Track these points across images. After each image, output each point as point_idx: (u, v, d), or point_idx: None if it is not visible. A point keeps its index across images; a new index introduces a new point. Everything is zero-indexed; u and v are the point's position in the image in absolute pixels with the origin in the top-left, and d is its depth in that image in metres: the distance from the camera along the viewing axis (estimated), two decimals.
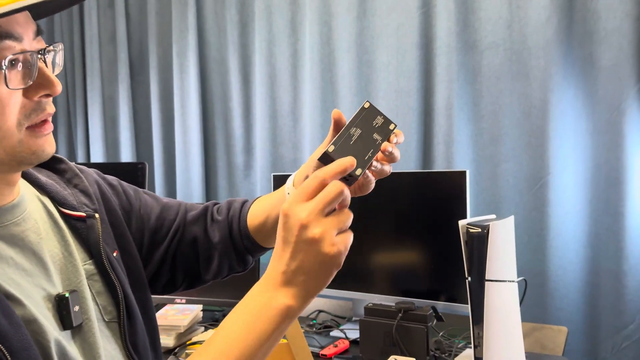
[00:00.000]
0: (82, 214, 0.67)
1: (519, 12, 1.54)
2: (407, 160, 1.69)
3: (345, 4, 1.76)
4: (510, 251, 1.08)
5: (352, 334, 1.45)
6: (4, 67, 0.50)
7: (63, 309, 0.58)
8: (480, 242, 1.01)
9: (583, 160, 1.50)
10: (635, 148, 1.42)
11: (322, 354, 1.34)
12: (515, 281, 1.09)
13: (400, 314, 1.21)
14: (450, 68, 1.62)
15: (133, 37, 2.25)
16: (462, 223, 1.05)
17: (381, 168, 0.68)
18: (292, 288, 0.53)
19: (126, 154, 2.22)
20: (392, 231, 1.48)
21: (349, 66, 1.78)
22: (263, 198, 0.84)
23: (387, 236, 1.48)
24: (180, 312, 1.41)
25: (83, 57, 2.33)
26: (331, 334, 1.50)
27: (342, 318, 1.59)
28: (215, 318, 1.61)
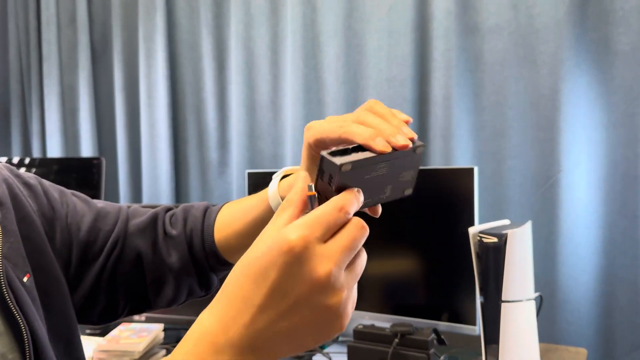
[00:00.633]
0: None
1: None
2: None
3: None
4: (528, 264, 0.91)
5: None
6: None
7: None
8: (496, 255, 0.84)
9: (597, 156, 1.34)
10: None
11: None
12: (533, 299, 0.92)
13: (396, 339, 1.03)
14: (448, 53, 1.46)
15: (95, 19, 2.05)
16: (474, 231, 0.87)
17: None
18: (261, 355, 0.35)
19: (87, 149, 2.02)
20: (385, 238, 1.29)
21: (336, 52, 1.60)
22: (232, 205, 0.67)
23: (379, 243, 1.29)
24: (136, 334, 1.21)
25: (39, 41, 2.12)
26: (313, 359, 1.31)
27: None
28: (179, 337, 1.40)
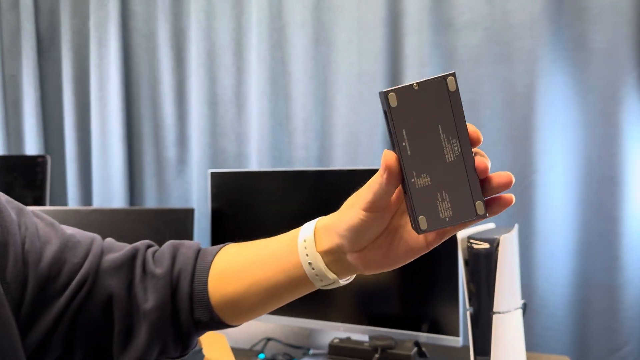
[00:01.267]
0: None
1: None
2: (371, 155, 1.45)
3: None
4: (516, 270, 0.85)
5: None
6: None
7: None
8: (487, 262, 0.77)
9: (573, 156, 1.31)
10: (632, 142, 1.25)
11: None
12: (520, 307, 0.86)
13: (377, 355, 0.95)
14: (421, 49, 1.40)
15: (41, 4, 1.89)
16: (462, 236, 0.81)
17: None
18: None
19: (31, 146, 1.86)
20: None
21: (304, 44, 1.52)
22: (242, 248, 0.55)
23: None
24: None
25: None
26: None
27: (298, 349, 1.31)
28: None
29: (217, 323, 0.53)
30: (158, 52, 1.74)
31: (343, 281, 0.50)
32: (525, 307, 0.93)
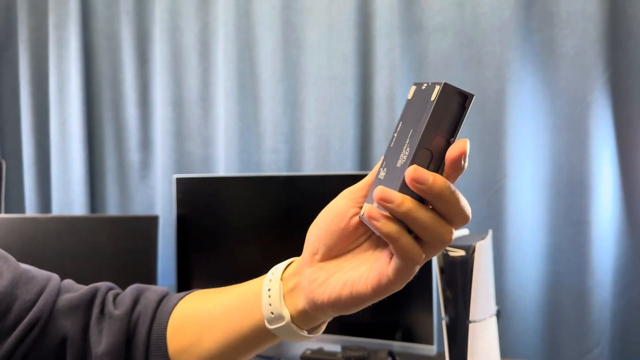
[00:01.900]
0: None
1: None
2: (342, 159, 1.42)
3: None
4: (491, 277, 0.83)
5: None
6: None
7: None
8: (463, 270, 0.75)
9: (543, 160, 1.32)
10: (601, 147, 1.25)
11: None
12: (494, 314, 0.85)
13: None
14: (392, 52, 1.38)
15: None
16: None
17: None
18: None
19: None
20: None
21: (273, 45, 1.48)
22: (206, 295, 0.51)
23: None
24: None
25: None
26: None
27: (269, 359, 1.27)
28: None
29: None
30: (121, 53, 1.68)
31: (297, 329, 0.43)
32: (499, 314, 0.92)
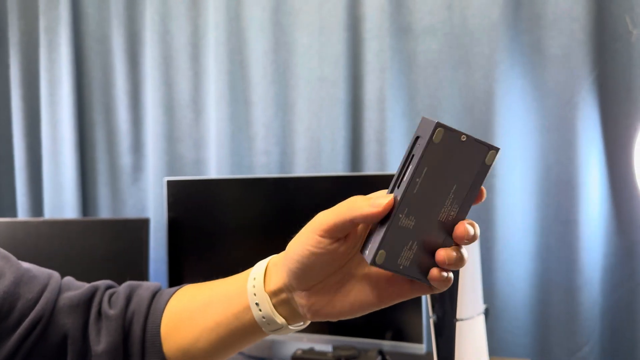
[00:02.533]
0: None
1: None
2: (333, 161, 1.43)
3: None
4: (478, 275, 0.84)
5: None
6: None
7: None
8: None
9: (532, 160, 1.33)
10: (589, 147, 1.27)
11: None
12: (482, 312, 0.85)
13: None
14: (382, 54, 1.39)
15: None
16: None
17: None
18: None
19: None
20: None
21: (263, 48, 1.49)
22: (193, 291, 0.52)
23: None
24: None
25: None
26: None
27: None
28: None
29: None
30: (112, 56, 1.67)
31: (293, 327, 0.46)
32: (487, 312, 0.93)
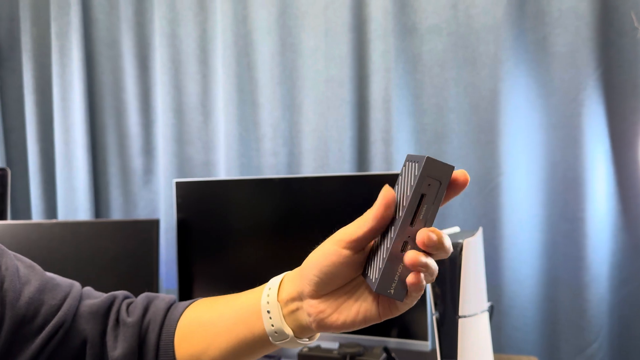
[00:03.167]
0: None
1: None
2: (340, 161, 1.44)
3: None
4: (481, 273, 0.85)
5: None
6: None
7: None
8: (452, 267, 0.77)
9: (537, 158, 1.33)
10: (594, 144, 1.27)
11: None
12: (487, 310, 0.86)
13: None
14: (387, 54, 1.40)
15: (0, 13, 1.83)
16: None
17: None
18: None
19: None
20: None
21: (270, 50, 1.51)
22: (208, 304, 0.54)
23: None
24: None
25: None
26: None
27: (270, 358, 1.29)
28: None
29: None
30: (122, 61, 1.70)
31: (299, 340, 0.48)
32: (492, 309, 0.93)
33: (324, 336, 1.13)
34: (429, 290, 0.80)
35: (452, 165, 0.39)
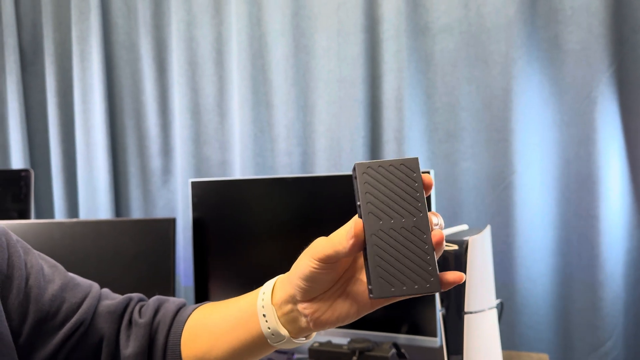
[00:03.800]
0: None
1: None
2: (353, 160, 1.46)
3: None
4: (489, 270, 0.86)
5: None
6: None
7: None
8: (457, 263, 0.78)
9: (551, 156, 1.33)
10: (608, 141, 1.26)
11: None
12: (495, 307, 0.87)
13: (355, 357, 0.96)
14: (399, 54, 1.41)
15: (24, 19, 1.89)
16: None
17: None
18: None
19: (17, 160, 1.85)
20: None
21: (284, 52, 1.53)
22: (212, 308, 0.57)
23: None
24: None
25: None
26: None
27: (283, 353, 1.32)
28: None
29: None
30: (140, 64, 1.75)
31: (296, 340, 0.50)
32: (502, 307, 0.94)
33: (335, 332, 1.15)
34: None
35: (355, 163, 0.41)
